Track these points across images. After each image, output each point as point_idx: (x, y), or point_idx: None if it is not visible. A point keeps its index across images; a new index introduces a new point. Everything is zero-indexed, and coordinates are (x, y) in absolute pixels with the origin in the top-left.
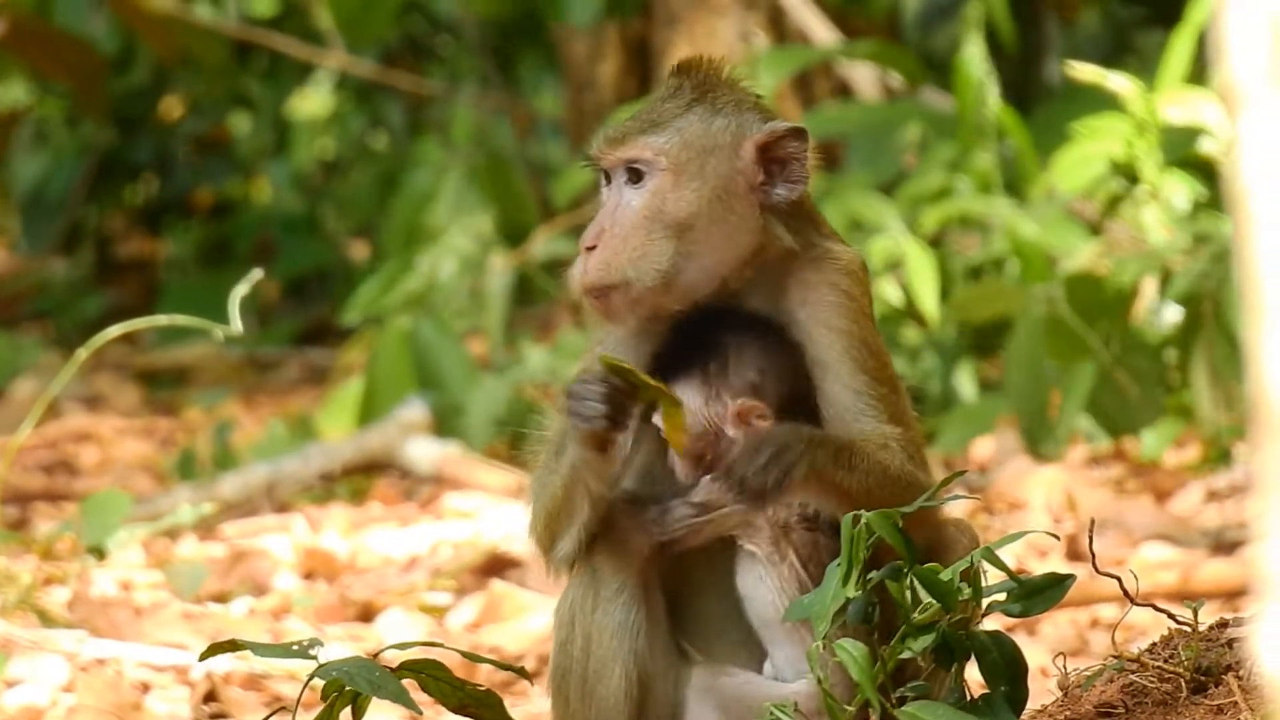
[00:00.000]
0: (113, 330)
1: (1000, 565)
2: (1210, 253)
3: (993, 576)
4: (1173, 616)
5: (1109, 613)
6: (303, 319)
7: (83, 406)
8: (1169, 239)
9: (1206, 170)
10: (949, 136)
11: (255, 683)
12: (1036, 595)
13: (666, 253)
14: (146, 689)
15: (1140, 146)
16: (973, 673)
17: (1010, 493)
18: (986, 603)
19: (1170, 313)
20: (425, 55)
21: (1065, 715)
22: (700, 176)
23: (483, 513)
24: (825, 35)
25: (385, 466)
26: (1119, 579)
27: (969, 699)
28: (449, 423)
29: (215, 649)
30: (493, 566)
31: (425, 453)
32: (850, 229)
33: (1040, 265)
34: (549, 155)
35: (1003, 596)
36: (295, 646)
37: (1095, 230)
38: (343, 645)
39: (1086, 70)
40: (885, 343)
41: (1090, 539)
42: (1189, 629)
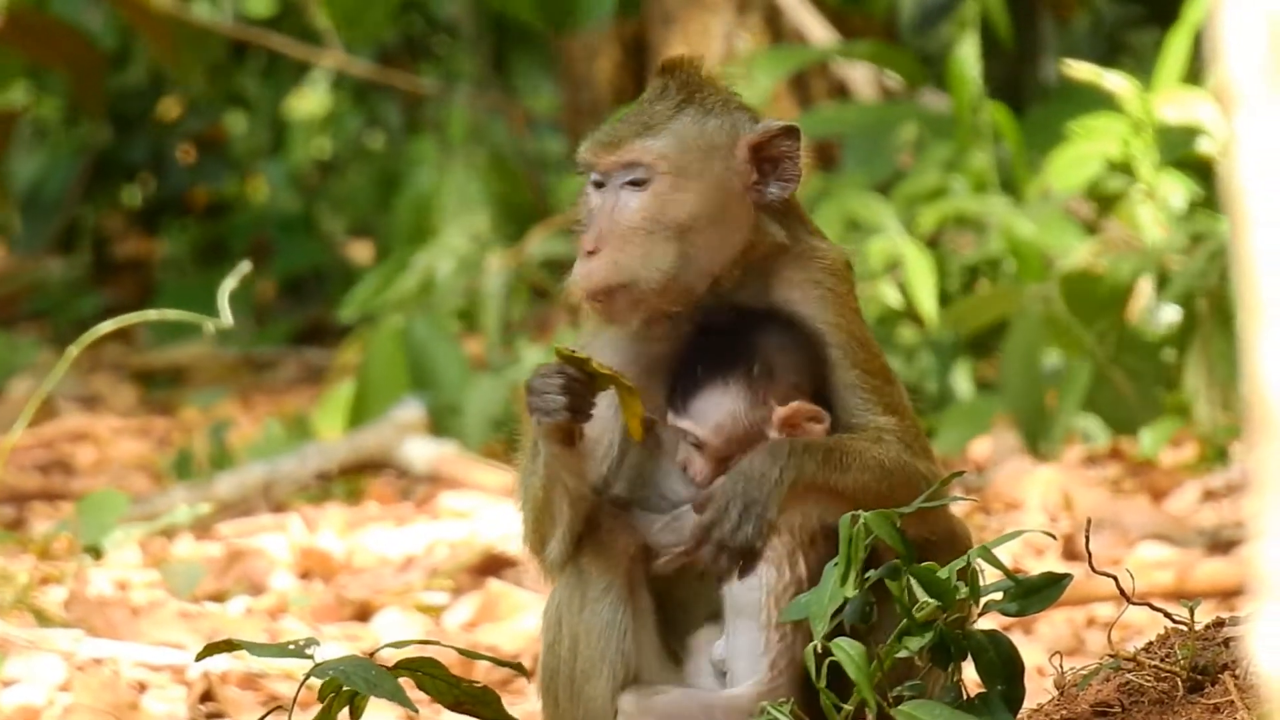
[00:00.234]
0: (104, 326)
1: (997, 564)
2: (1207, 252)
3: (989, 575)
4: (1169, 616)
5: (1105, 612)
6: (299, 318)
7: (79, 406)
8: (1165, 238)
9: (1203, 169)
10: (945, 136)
11: (252, 682)
12: (1033, 594)
13: (670, 254)
14: (143, 688)
15: (1136, 146)
16: (969, 672)
17: (1007, 492)
18: (983, 602)
19: (1167, 312)
20: (422, 54)
21: (1061, 714)
22: (699, 178)
23: (479, 512)
24: (822, 35)
25: (382, 466)
26: (1115, 578)
27: (965, 698)
28: (445, 422)
29: (212, 648)
30: (489, 566)
31: (421, 452)
32: (847, 229)
33: (1036, 265)
34: (545, 154)
35: (999, 596)
36: (292, 646)
37: (1092, 230)
38: (339, 645)
39: (1083, 69)
40: (883, 343)
41: (1087, 538)
42: (1185, 628)
